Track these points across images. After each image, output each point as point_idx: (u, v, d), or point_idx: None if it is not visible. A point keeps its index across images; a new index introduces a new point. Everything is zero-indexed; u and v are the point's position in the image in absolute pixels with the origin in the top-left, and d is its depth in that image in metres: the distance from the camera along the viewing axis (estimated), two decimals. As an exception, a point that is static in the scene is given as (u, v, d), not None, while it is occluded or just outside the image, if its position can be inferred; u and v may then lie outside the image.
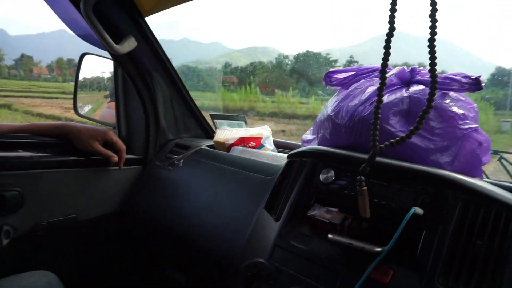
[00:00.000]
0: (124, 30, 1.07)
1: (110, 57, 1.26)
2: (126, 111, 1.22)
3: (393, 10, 0.54)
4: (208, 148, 1.14)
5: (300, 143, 1.03)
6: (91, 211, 1.11)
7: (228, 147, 1.11)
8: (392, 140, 0.57)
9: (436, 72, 0.54)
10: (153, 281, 1.17)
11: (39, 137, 1.00)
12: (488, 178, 0.96)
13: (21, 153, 0.95)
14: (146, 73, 1.17)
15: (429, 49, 0.51)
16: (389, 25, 0.55)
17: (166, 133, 1.28)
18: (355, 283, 0.61)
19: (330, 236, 0.67)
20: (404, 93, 0.75)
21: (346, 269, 0.65)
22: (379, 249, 0.61)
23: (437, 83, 0.54)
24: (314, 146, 0.86)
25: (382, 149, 0.58)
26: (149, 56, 1.16)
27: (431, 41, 0.51)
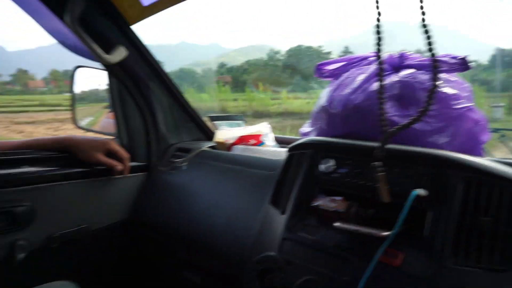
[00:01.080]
0: (113, 40, 1.07)
1: (103, 67, 1.27)
2: (125, 120, 1.23)
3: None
4: (210, 149, 1.15)
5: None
6: (102, 220, 1.13)
7: (229, 147, 1.13)
8: (403, 123, 0.58)
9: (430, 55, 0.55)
10: (170, 284, 1.19)
11: (41, 152, 1.01)
12: (492, 156, 0.98)
13: (28, 169, 0.97)
14: (140, 82, 1.18)
15: (424, 31, 0.52)
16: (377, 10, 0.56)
17: (167, 138, 1.29)
18: (365, 268, 0.62)
19: (336, 224, 0.68)
20: (394, 78, 0.76)
21: (354, 256, 0.67)
22: (386, 233, 0.62)
23: (438, 67, 0.55)
24: (312, 137, 0.88)
25: (393, 133, 0.59)
26: (141, 65, 1.17)
27: (423, 22, 0.52)
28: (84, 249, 1.10)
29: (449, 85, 0.75)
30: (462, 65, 0.72)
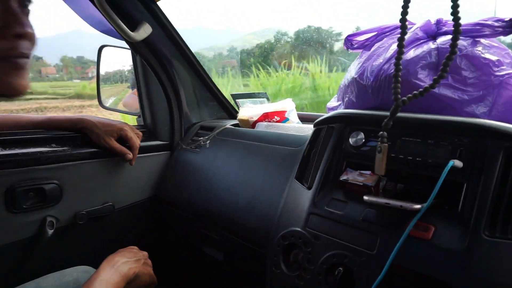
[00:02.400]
0: (138, 17, 1.07)
1: (127, 47, 1.27)
2: (149, 99, 1.24)
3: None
4: (233, 127, 1.14)
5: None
6: (126, 199, 1.15)
7: (253, 124, 1.11)
8: (415, 92, 0.55)
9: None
10: (193, 260, 1.20)
11: (59, 132, 1.01)
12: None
13: (55, 148, 0.98)
14: (165, 59, 1.17)
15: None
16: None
17: (190, 117, 1.29)
18: (395, 242, 0.60)
19: (365, 198, 0.66)
20: (431, 45, 0.72)
21: (384, 229, 0.64)
22: (418, 206, 0.59)
23: (460, 26, 0.51)
24: (341, 110, 0.85)
25: (404, 102, 0.56)
26: (166, 43, 1.16)
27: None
28: (110, 226, 1.12)
29: (490, 51, 0.69)
30: (508, 27, 0.67)
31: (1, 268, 0.91)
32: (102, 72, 1.35)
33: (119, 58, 1.40)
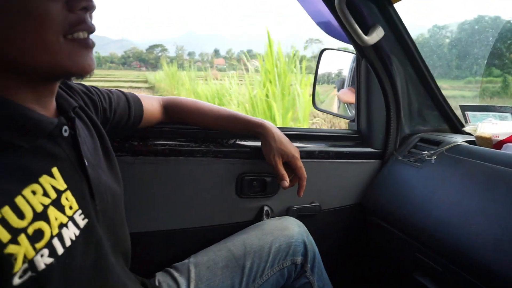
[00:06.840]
0: (371, 20, 1.04)
1: (348, 50, 1.27)
2: (368, 104, 1.20)
3: None
4: (468, 145, 0.98)
5: None
6: (332, 202, 1.16)
7: (496, 144, 0.93)
8: None
9: None
10: (397, 283, 1.12)
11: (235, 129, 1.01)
12: None
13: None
14: (390, 64, 1.11)
15: None
16: None
17: (407, 127, 1.20)
18: None
19: None
20: None
21: None
22: None
23: None
24: None
25: None
26: (395, 47, 1.10)
27: None
28: (316, 225, 1.15)
29: None
30: None
31: None
32: (320, 72, 1.41)
33: (334, 61, 1.43)
